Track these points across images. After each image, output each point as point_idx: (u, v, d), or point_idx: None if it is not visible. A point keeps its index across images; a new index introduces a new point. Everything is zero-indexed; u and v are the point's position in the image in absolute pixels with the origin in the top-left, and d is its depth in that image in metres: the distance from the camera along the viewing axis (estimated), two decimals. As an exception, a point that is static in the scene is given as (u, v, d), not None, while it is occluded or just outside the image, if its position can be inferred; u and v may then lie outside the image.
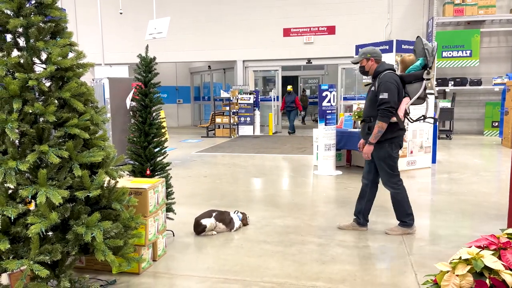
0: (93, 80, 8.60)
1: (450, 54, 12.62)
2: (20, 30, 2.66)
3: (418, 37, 4.28)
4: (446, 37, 12.63)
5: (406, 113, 4.17)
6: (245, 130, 14.55)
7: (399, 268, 3.45)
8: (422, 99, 4.13)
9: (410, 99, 4.08)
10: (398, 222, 4.32)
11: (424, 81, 4.04)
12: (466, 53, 12.56)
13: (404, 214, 4.26)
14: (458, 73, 13.26)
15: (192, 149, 10.87)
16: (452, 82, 12.94)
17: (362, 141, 4.39)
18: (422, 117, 4.46)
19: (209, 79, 18.43)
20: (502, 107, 11.33)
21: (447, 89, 13.14)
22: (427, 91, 4.21)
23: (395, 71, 4.16)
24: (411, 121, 4.35)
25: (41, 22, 2.66)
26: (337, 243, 4.04)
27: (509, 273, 2.03)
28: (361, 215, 4.39)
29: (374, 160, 4.19)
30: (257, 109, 14.70)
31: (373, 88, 4.16)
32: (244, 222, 4.53)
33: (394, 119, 4.00)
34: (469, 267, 2.12)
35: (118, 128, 8.07)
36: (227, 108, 14.12)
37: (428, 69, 4.05)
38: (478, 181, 6.71)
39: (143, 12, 15.03)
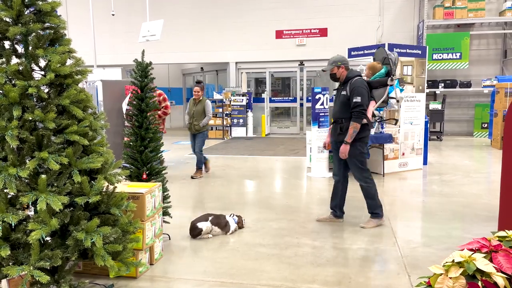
0: (86, 82, 8.57)
1: (440, 56, 12.79)
2: (19, 37, 2.68)
3: (379, 47, 4.92)
4: (436, 40, 12.79)
5: (373, 115, 4.77)
6: (238, 131, 14.59)
7: (393, 270, 3.52)
8: (385, 102, 4.75)
9: (376, 103, 4.66)
10: (370, 214, 4.69)
11: (388, 87, 4.61)
12: (456, 55, 12.73)
13: (376, 206, 4.64)
14: (448, 75, 13.44)
15: (186, 151, 10.87)
16: (443, 84, 13.12)
17: (327, 140, 4.92)
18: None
19: (201, 80, 18.42)
20: (491, 109, 11.51)
21: (438, 91, 13.31)
22: (390, 95, 4.96)
23: (362, 77, 4.61)
24: (379, 121, 5.06)
25: (40, 30, 2.68)
26: (332, 245, 4.11)
27: (500, 276, 2.10)
28: (337, 208, 4.84)
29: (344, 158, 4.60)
30: (249, 110, 14.75)
31: (344, 93, 4.54)
32: (240, 225, 4.57)
33: (364, 120, 4.46)
34: (461, 269, 2.18)
35: (111, 131, 8.04)
36: (220, 109, 14.15)
37: (391, 76, 4.62)
38: (469, 182, 6.82)
39: (136, 14, 15.00)
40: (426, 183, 6.91)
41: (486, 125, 12.91)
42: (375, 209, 4.65)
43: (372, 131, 6.88)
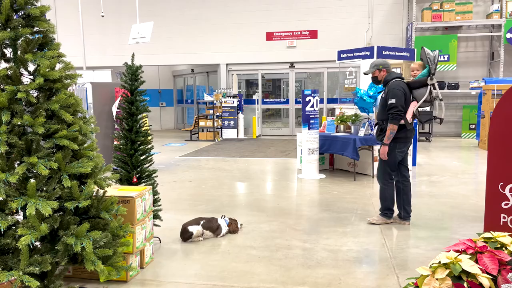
0: (75, 84, 8.51)
1: (429, 58, 12.91)
2: (8, 41, 2.67)
3: (422, 47, 4.77)
4: (424, 42, 12.93)
5: (415, 116, 4.61)
6: (229, 133, 14.60)
7: (382, 271, 3.57)
8: (428, 102, 4.62)
9: (417, 103, 4.59)
10: (380, 212, 4.84)
11: (429, 86, 4.56)
12: (444, 57, 12.89)
13: (387, 209, 4.80)
14: (436, 77, 13.47)
15: (176, 153, 10.85)
16: (431, 86, 13.26)
17: None
18: (433, 118, 4.95)
19: (192, 82, 18.41)
20: (478, 110, 11.67)
21: (426, 93, 13.45)
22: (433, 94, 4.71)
23: (403, 79, 4.65)
24: (422, 122, 4.80)
25: (29, 34, 2.67)
26: (322, 247, 4.14)
27: (485, 277, 2.14)
28: (402, 210, 4.82)
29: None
30: (240, 112, 14.76)
31: (383, 95, 4.65)
32: (232, 228, 4.53)
33: (402, 121, 4.52)
34: (448, 271, 2.22)
35: (101, 133, 8.01)
36: (211, 111, 14.15)
37: (431, 75, 4.54)
38: (457, 183, 6.91)
39: (126, 15, 14.94)
40: (415, 184, 6.98)
41: (473, 126, 13.08)
42: (384, 210, 4.82)
43: (373, 131, 6.83)
